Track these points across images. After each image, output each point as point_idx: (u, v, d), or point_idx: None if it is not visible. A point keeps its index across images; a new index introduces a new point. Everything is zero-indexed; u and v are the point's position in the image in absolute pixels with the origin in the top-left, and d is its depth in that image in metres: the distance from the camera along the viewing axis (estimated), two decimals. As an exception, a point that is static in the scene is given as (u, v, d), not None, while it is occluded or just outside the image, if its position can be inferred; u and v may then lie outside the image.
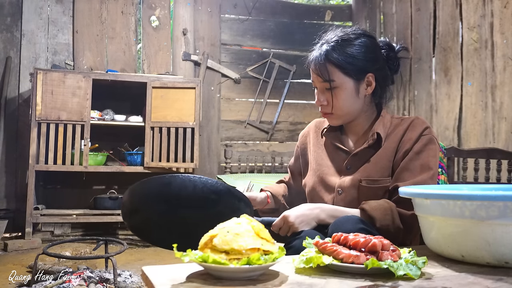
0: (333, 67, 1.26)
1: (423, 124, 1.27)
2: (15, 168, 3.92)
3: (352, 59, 1.26)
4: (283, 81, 4.83)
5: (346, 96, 1.27)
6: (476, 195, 0.85)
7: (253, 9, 4.79)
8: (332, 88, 1.27)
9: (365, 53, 1.28)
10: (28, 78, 3.89)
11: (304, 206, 1.20)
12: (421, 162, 1.22)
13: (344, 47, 1.27)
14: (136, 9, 4.40)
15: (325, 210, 1.18)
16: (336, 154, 1.36)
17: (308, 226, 1.15)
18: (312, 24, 4.97)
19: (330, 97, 1.29)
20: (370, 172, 1.26)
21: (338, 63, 1.26)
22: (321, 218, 1.17)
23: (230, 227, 0.80)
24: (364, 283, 0.75)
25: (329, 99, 1.29)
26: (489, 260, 0.84)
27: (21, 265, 2.88)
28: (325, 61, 1.26)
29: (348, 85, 1.27)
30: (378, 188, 1.23)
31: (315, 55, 1.30)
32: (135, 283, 2.42)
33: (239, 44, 4.78)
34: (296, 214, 1.15)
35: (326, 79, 1.26)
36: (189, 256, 0.77)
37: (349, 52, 1.26)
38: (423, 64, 3.96)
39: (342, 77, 1.26)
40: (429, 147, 1.24)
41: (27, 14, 4.02)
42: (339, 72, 1.26)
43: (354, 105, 1.30)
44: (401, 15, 4.27)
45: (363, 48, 1.28)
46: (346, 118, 1.32)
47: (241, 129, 4.71)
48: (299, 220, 1.14)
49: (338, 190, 1.30)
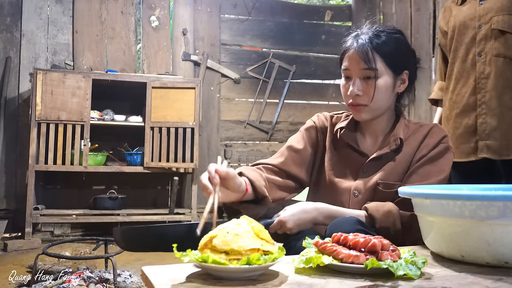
0: (378, 56, 1.23)
1: (442, 132, 1.27)
2: (15, 168, 3.92)
3: (396, 52, 1.25)
4: (283, 81, 4.83)
5: (385, 88, 1.25)
6: (476, 195, 0.85)
7: (253, 9, 4.79)
8: (372, 78, 1.23)
9: (404, 49, 1.28)
10: (28, 78, 3.89)
11: (300, 208, 1.15)
12: (434, 169, 1.21)
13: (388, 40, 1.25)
14: (136, 9, 4.40)
15: (322, 212, 1.16)
16: (352, 155, 1.33)
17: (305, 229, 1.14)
18: (312, 24, 4.97)
19: (369, 87, 1.24)
20: (388, 176, 1.24)
21: (384, 53, 1.23)
22: (319, 220, 1.15)
23: (230, 227, 0.80)
24: (364, 283, 0.75)
25: (368, 89, 1.24)
26: (488, 260, 0.84)
27: (21, 265, 2.88)
28: (371, 48, 1.22)
29: (388, 77, 1.25)
30: (394, 193, 1.18)
31: (359, 41, 1.24)
32: (135, 283, 2.42)
33: (239, 44, 4.78)
34: (293, 220, 1.12)
35: (372, 66, 1.22)
36: (189, 256, 0.77)
37: (392, 44, 1.25)
38: (423, 64, 3.96)
39: (385, 68, 1.24)
40: (446, 156, 1.24)
41: (27, 14, 4.02)
42: (383, 62, 1.24)
43: (388, 100, 1.28)
44: (401, 15, 4.27)
45: (402, 44, 1.28)
46: (377, 112, 1.28)
47: (241, 129, 4.71)
48: (296, 226, 1.12)
49: (354, 192, 1.27)
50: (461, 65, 1.90)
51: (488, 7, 1.84)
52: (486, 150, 1.81)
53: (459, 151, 1.91)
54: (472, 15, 1.87)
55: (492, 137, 1.80)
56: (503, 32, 1.80)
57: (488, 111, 1.81)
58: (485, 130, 1.82)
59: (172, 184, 3.87)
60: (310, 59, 4.96)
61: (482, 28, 1.84)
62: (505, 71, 1.80)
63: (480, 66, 1.84)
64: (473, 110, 1.85)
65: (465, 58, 1.88)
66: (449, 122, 1.95)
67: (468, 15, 1.89)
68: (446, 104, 1.98)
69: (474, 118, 1.85)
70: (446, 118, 1.98)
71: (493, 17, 1.81)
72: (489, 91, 1.81)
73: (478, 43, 1.84)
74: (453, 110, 1.94)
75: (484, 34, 1.83)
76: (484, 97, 1.82)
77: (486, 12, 1.84)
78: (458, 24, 1.91)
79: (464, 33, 1.89)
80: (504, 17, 1.79)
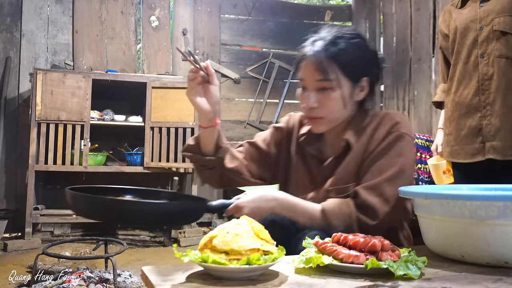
0: (333, 65, 1.15)
1: (392, 120, 1.18)
2: (15, 168, 3.92)
3: (354, 59, 1.17)
4: (283, 81, 4.83)
5: (342, 99, 1.17)
6: (476, 195, 0.85)
7: (253, 9, 4.79)
8: (329, 89, 1.16)
9: (364, 55, 1.20)
10: (28, 78, 3.89)
11: (260, 195, 1.12)
12: (385, 163, 1.14)
13: (346, 47, 1.17)
14: (136, 9, 4.40)
15: (282, 203, 1.13)
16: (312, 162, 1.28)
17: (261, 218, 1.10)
18: (312, 24, 4.97)
19: (325, 98, 1.17)
20: (338, 181, 1.19)
21: (341, 62, 1.15)
22: (277, 211, 1.12)
23: (230, 227, 0.80)
24: (363, 283, 0.75)
25: (324, 101, 1.17)
26: (488, 260, 0.84)
27: (21, 265, 2.88)
28: (326, 57, 1.15)
29: (345, 87, 1.17)
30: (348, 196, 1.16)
31: (314, 50, 1.17)
32: (135, 283, 2.42)
33: (238, 44, 4.78)
34: (250, 207, 1.10)
35: (326, 77, 1.15)
36: (189, 256, 0.77)
37: (351, 51, 1.17)
38: (423, 64, 3.96)
39: (341, 77, 1.16)
40: (398, 145, 1.15)
41: (27, 14, 4.02)
42: (338, 71, 1.16)
43: (345, 110, 1.19)
44: (401, 15, 4.27)
45: (362, 50, 1.20)
46: (334, 123, 1.21)
47: (241, 129, 4.71)
48: (252, 213, 1.08)
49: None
50: (463, 67, 1.92)
51: (489, 9, 1.86)
52: (492, 151, 1.83)
53: (463, 152, 1.92)
54: (473, 18, 1.89)
55: (497, 138, 1.82)
56: (504, 33, 1.82)
57: (493, 112, 1.83)
58: (490, 131, 1.83)
59: (172, 184, 3.87)
60: (310, 59, 4.95)
61: (483, 30, 1.86)
62: (507, 72, 1.81)
63: (483, 68, 1.85)
64: (477, 111, 1.87)
65: (467, 60, 1.90)
66: (451, 123, 1.97)
67: (469, 17, 1.90)
68: (449, 106, 2.00)
69: (477, 119, 1.87)
70: (449, 120, 1.99)
71: (494, 19, 1.83)
72: (492, 92, 1.83)
73: (480, 44, 1.86)
74: (455, 111, 1.95)
75: (485, 35, 1.85)
76: (488, 98, 1.84)
77: (487, 14, 1.85)
78: (459, 27, 1.92)
79: (465, 36, 1.90)
80: (506, 18, 1.81)
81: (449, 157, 1.99)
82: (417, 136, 2.59)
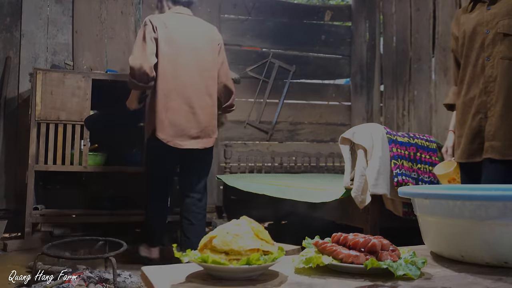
0: None
1: None
2: (14, 168, 3.92)
3: None
4: (283, 81, 4.83)
5: None
6: (475, 195, 0.85)
7: (253, 9, 4.79)
8: None
9: None
10: (27, 78, 3.89)
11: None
12: None
13: None
14: (136, 9, 4.40)
15: None
16: None
17: None
18: (312, 24, 4.97)
19: None
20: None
21: None
22: None
23: (230, 228, 0.81)
24: (363, 283, 0.75)
25: None
26: (488, 260, 0.84)
27: (20, 265, 2.88)
28: None
29: None
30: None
31: None
32: (134, 283, 2.42)
33: (238, 44, 4.78)
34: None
35: None
36: (188, 256, 0.77)
37: None
38: (423, 64, 3.96)
39: None
40: None
41: (26, 14, 4.02)
42: None
43: None
44: (401, 15, 4.28)
45: None
46: None
47: (240, 129, 4.71)
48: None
49: None
50: (472, 70, 1.95)
51: (495, 12, 1.89)
52: (490, 150, 1.85)
53: (461, 151, 1.94)
54: (481, 21, 1.92)
55: (497, 138, 1.84)
56: (507, 35, 1.84)
57: (495, 113, 1.86)
58: (490, 131, 1.86)
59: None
60: (310, 59, 4.96)
61: (489, 33, 1.89)
62: (510, 73, 1.83)
63: (488, 70, 1.88)
64: (480, 112, 1.90)
65: (475, 63, 1.93)
66: (462, 126, 1.99)
67: (477, 21, 1.94)
68: (459, 108, 2.03)
69: (478, 120, 1.90)
70: (459, 122, 2.02)
71: (499, 22, 1.86)
72: (496, 94, 1.86)
73: (486, 47, 1.89)
74: (465, 114, 1.98)
75: (491, 38, 1.88)
76: (492, 100, 1.87)
77: (493, 17, 1.88)
78: (468, 31, 1.96)
79: (474, 39, 1.94)
80: (510, 20, 1.84)
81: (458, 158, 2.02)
82: (417, 136, 2.59)
